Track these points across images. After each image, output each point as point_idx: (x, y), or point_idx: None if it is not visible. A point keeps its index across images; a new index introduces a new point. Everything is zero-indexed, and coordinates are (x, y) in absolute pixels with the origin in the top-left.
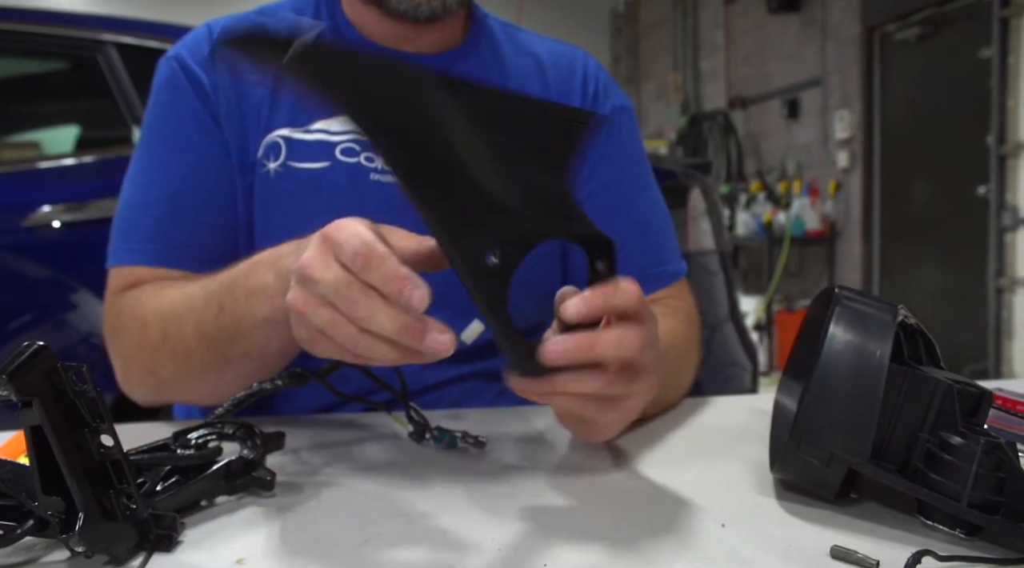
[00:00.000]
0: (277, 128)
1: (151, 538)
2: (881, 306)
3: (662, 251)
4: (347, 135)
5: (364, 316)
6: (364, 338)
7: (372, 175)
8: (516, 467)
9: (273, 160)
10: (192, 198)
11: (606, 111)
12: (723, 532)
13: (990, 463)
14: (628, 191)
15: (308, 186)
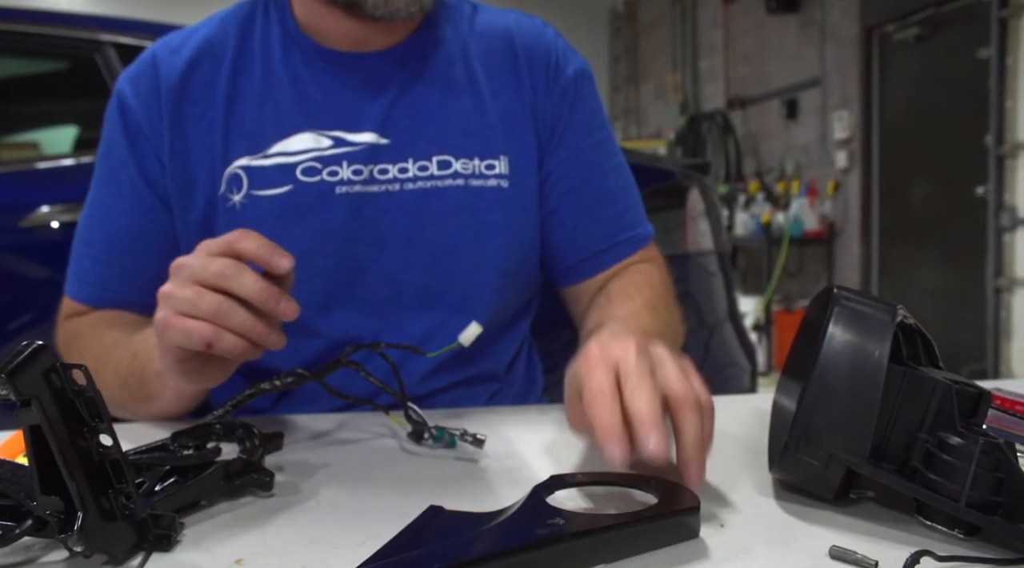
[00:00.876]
0: (235, 159)
1: (150, 538)
2: (880, 306)
3: (629, 216)
4: (306, 154)
5: (231, 275)
6: (226, 303)
7: (337, 189)
8: (515, 465)
9: (236, 192)
10: (123, 245)
11: (568, 76)
12: (722, 532)
13: (988, 463)
14: (594, 157)
15: (274, 213)
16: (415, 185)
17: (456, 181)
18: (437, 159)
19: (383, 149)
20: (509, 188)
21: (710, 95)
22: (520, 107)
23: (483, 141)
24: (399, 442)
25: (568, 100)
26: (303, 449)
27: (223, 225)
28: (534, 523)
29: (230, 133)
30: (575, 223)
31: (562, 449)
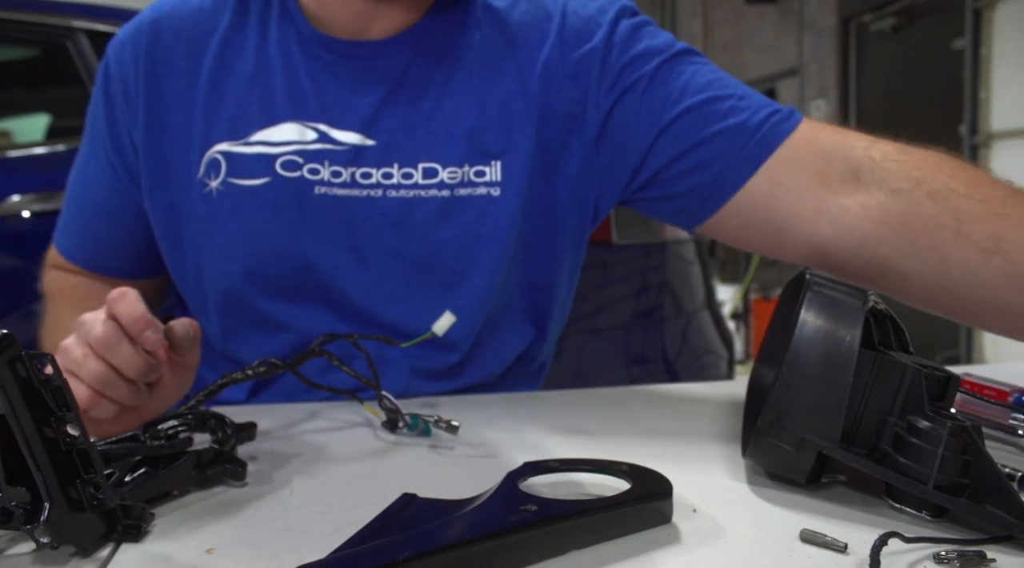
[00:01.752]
0: (216, 143)
1: (119, 528)
2: (851, 292)
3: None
4: (288, 146)
5: (110, 344)
6: (106, 374)
7: (316, 189)
8: (490, 453)
9: (214, 178)
10: (97, 209)
11: (604, 28)
12: (694, 517)
13: (956, 446)
14: (693, 80)
15: (249, 204)
16: (398, 193)
17: (441, 192)
18: (423, 166)
19: (367, 151)
20: (500, 196)
21: None
22: (518, 99)
23: (476, 146)
24: (374, 431)
25: (600, 61)
26: (276, 439)
27: (199, 211)
28: (507, 510)
29: (212, 113)
30: (695, 140)
31: (536, 436)
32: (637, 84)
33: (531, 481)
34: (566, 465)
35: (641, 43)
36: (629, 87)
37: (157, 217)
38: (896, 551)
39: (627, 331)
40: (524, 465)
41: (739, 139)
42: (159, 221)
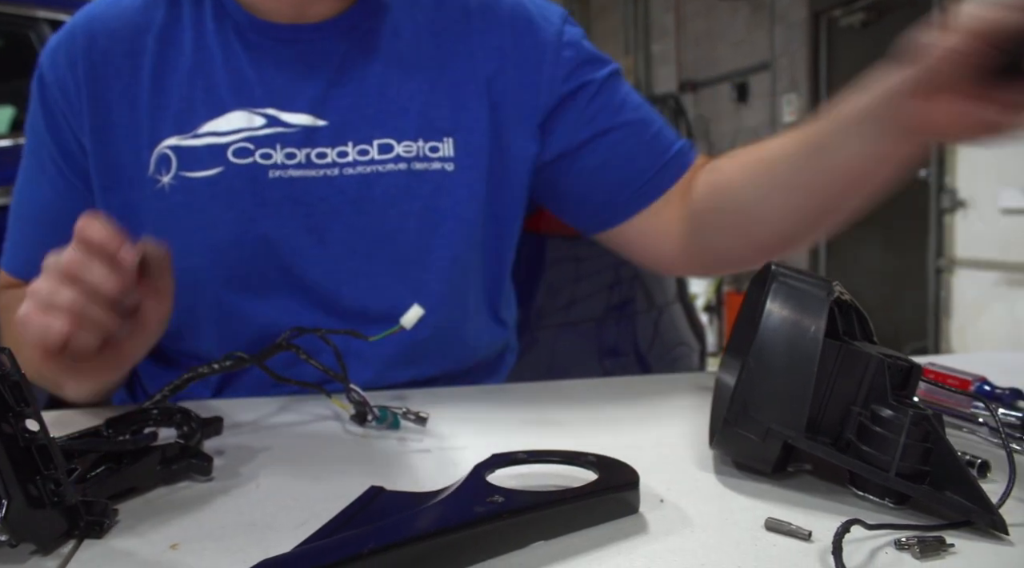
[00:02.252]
0: (164, 138)
1: (81, 525)
2: (816, 283)
3: (668, 131)
4: (238, 134)
5: (80, 264)
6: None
7: (271, 172)
8: (459, 445)
9: (165, 173)
10: (46, 220)
11: (550, 30)
12: (661, 507)
13: (918, 434)
14: (615, 84)
15: (204, 195)
16: (355, 170)
17: (398, 165)
18: (378, 142)
19: (319, 132)
20: (454, 171)
21: (662, 78)
22: (470, 81)
23: (428, 121)
24: (342, 425)
25: (564, 47)
26: (244, 433)
27: (152, 209)
28: (473, 501)
29: (157, 110)
30: (624, 154)
31: (505, 428)
32: (589, 85)
33: (499, 473)
34: (534, 457)
35: (591, 49)
36: (582, 86)
37: (112, 218)
38: (859, 538)
39: (599, 324)
40: (492, 457)
41: (659, 161)
42: (114, 222)
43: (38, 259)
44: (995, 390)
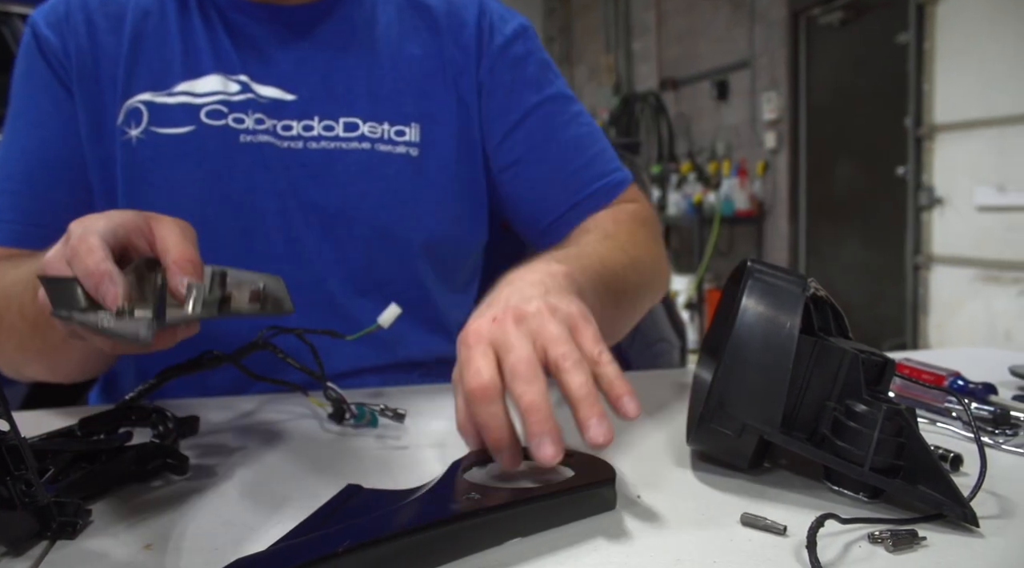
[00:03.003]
0: (138, 93)
1: (53, 526)
2: (791, 279)
3: (599, 165)
4: (213, 96)
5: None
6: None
7: (242, 137)
8: (436, 442)
9: (135, 127)
10: (46, 174)
11: (507, 34)
12: (638, 503)
13: (891, 429)
14: (549, 112)
15: (173, 152)
16: (319, 145)
17: (362, 145)
18: (344, 120)
19: (287, 106)
20: (419, 157)
21: (643, 76)
22: (439, 73)
23: (394, 106)
24: (320, 423)
25: (508, 60)
26: (220, 432)
27: (120, 161)
28: (450, 499)
29: (135, 66)
30: (544, 182)
31: None
32: (514, 110)
33: (475, 471)
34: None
35: (533, 71)
36: (510, 109)
37: (94, 172)
38: (833, 532)
39: None
40: (469, 454)
41: (571, 199)
42: (98, 176)
43: (38, 217)
44: (968, 385)
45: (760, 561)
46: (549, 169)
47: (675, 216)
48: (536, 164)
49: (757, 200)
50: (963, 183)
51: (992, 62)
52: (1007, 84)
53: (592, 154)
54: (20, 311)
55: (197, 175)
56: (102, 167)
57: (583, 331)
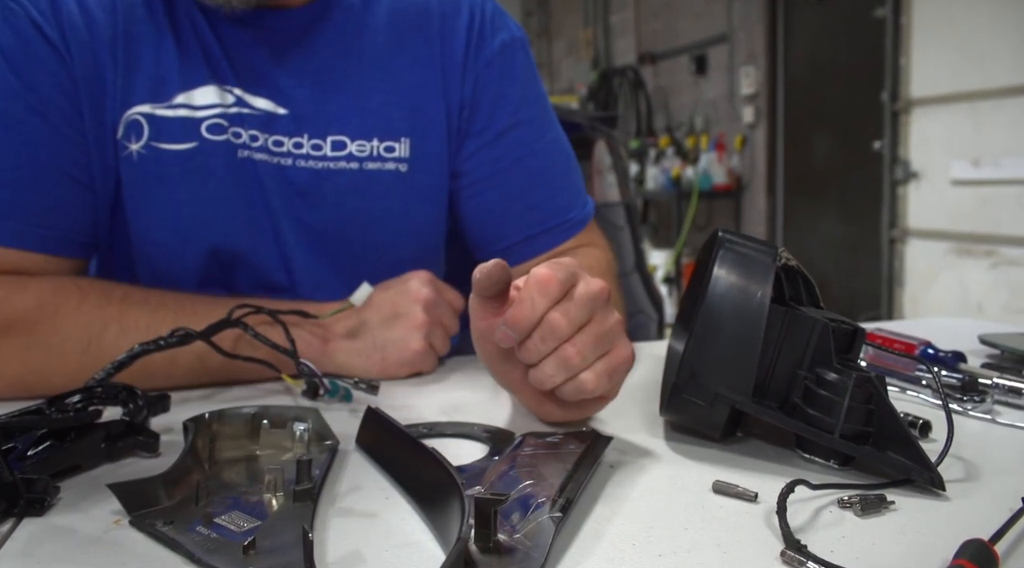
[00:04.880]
0: (136, 104)
1: (21, 503)
2: (762, 249)
3: (563, 198)
4: (212, 110)
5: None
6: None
7: (239, 152)
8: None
9: (135, 141)
10: (52, 166)
11: (494, 47)
12: (610, 473)
13: (861, 396)
14: (524, 135)
15: (177, 169)
16: (307, 163)
17: (350, 164)
18: (332, 139)
19: (279, 120)
20: (408, 172)
21: (621, 50)
22: (431, 83)
23: (384, 121)
24: (294, 399)
25: (493, 74)
26: (193, 411)
27: (124, 177)
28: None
29: (132, 76)
30: (502, 208)
31: (459, 396)
32: (488, 130)
33: None
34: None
35: (512, 89)
36: (483, 129)
37: (99, 175)
38: (803, 498)
39: None
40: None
41: (523, 233)
42: (101, 181)
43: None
44: (939, 353)
45: (731, 527)
46: (509, 197)
47: (653, 190)
48: (498, 188)
49: (735, 174)
50: (938, 157)
51: (968, 37)
52: (983, 58)
53: (557, 187)
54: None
55: (202, 193)
56: (103, 174)
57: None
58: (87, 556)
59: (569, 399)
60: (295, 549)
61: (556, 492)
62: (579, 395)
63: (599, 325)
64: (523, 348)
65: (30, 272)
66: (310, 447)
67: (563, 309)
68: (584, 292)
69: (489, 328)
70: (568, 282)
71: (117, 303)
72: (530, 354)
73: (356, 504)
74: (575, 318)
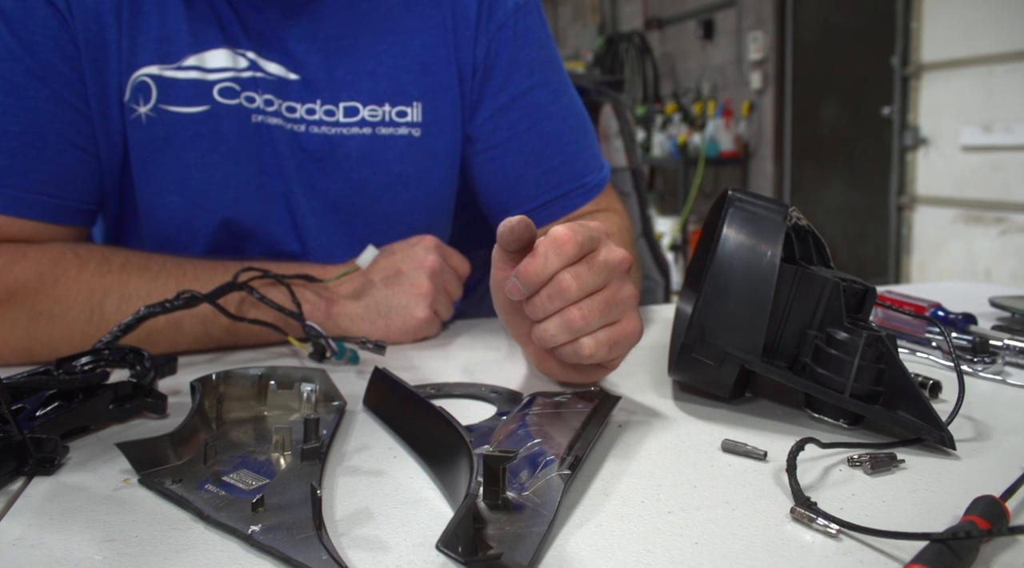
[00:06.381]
0: (143, 65)
1: (30, 462)
2: (772, 207)
3: (579, 163)
4: (224, 73)
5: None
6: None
7: (253, 117)
8: (417, 378)
9: (143, 103)
10: (52, 132)
11: (507, 8)
12: (618, 432)
13: (872, 355)
14: (539, 99)
15: (188, 133)
16: (319, 130)
17: (363, 129)
18: (344, 105)
19: (291, 85)
20: (421, 137)
21: (628, 16)
22: (441, 47)
23: (396, 86)
24: (301, 362)
25: (506, 36)
26: (200, 373)
27: (131, 140)
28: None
29: (138, 37)
30: (517, 173)
31: (466, 357)
32: (503, 92)
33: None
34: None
35: (528, 51)
36: (500, 89)
37: (103, 140)
38: (813, 457)
39: None
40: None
41: (540, 199)
42: (106, 145)
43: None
44: (949, 315)
45: (740, 485)
46: (525, 162)
47: (660, 157)
48: (513, 154)
49: (742, 141)
50: (949, 123)
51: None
52: (995, 22)
53: (572, 151)
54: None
55: (213, 158)
56: (107, 139)
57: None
58: (97, 514)
59: (567, 361)
60: (303, 506)
61: (565, 450)
62: (575, 359)
63: (611, 293)
64: (530, 304)
65: (30, 240)
66: (317, 407)
67: (576, 271)
68: (604, 259)
69: (505, 278)
70: (587, 245)
71: (117, 270)
72: (536, 310)
73: (364, 463)
74: (586, 283)
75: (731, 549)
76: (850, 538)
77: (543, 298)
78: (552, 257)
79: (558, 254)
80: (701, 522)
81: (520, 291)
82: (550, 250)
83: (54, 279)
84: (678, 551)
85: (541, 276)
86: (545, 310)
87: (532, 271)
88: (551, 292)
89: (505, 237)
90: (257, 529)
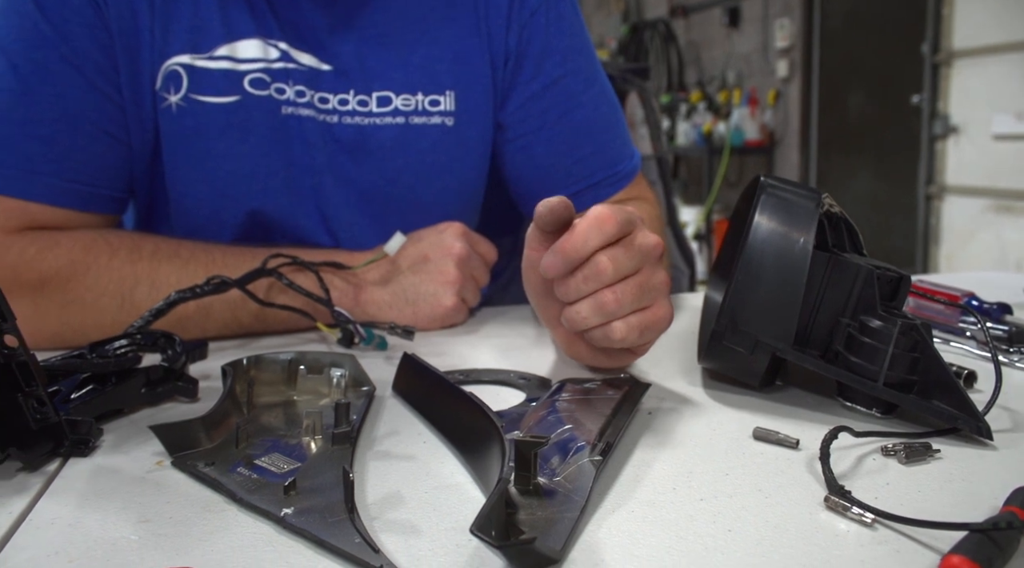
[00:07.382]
0: (174, 54)
1: (66, 443)
2: (805, 194)
3: (611, 152)
4: (255, 63)
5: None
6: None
7: (283, 108)
8: (447, 363)
9: (174, 92)
10: (85, 120)
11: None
12: (648, 419)
13: (906, 344)
14: (571, 87)
15: (218, 123)
16: (353, 119)
17: (396, 119)
18: (377, 95)
19: (323, 76)
20: (454, 126)
21: (652, 3)
22: (474, 35)
23: (429, 75)
24: (329, 347)
25: (538, 24)
26: (230, 359)
27: (162, 129)
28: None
29: (170, 25)
30: (549, 162)
31: (496, 343)
32: (536, 81)
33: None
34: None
35: (560, 39)
36: (532, 78)
37: (135, 129)
38: (846, 445)
39: None
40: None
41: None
42: (138, 134)
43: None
44: (984, 304)
45: (772, 473)
46: (557, 151)
47: (684, 146)
48: (545, 142)
49: (768, 130)
50: (980, 111)
51: None
52: None
53: (604, 140)
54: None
55: (242, 148)
56: (139, 128)
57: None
58: (132, 495)
59: (597, 345)
60: (335, 489)
61: (595, 436)
62: (606, 342)
63: (644, 278)
64: (563, 284)
65: (61, 227)
66: (347, 393)
67: (612, 254)
68: (639, 243)
69: (539, 259)
70: (625, 228)
71: (147, 257)
72: (569, 291)
73: (394, 448)
74: (622, 266)
75: (765, 537)
76: (885, 527)
77: (578, 279)
78: (594, 234)
79: (600, 232)
80: (734, 509)
81: (557, 268)
82: (592, 227)
83: (85, 267)
84: (711, 538)
85: (580, 253)
86: (579, 291)
87: (571, 247)
88: (587, 274)
89: (544, 217)
90: (290, 512)
